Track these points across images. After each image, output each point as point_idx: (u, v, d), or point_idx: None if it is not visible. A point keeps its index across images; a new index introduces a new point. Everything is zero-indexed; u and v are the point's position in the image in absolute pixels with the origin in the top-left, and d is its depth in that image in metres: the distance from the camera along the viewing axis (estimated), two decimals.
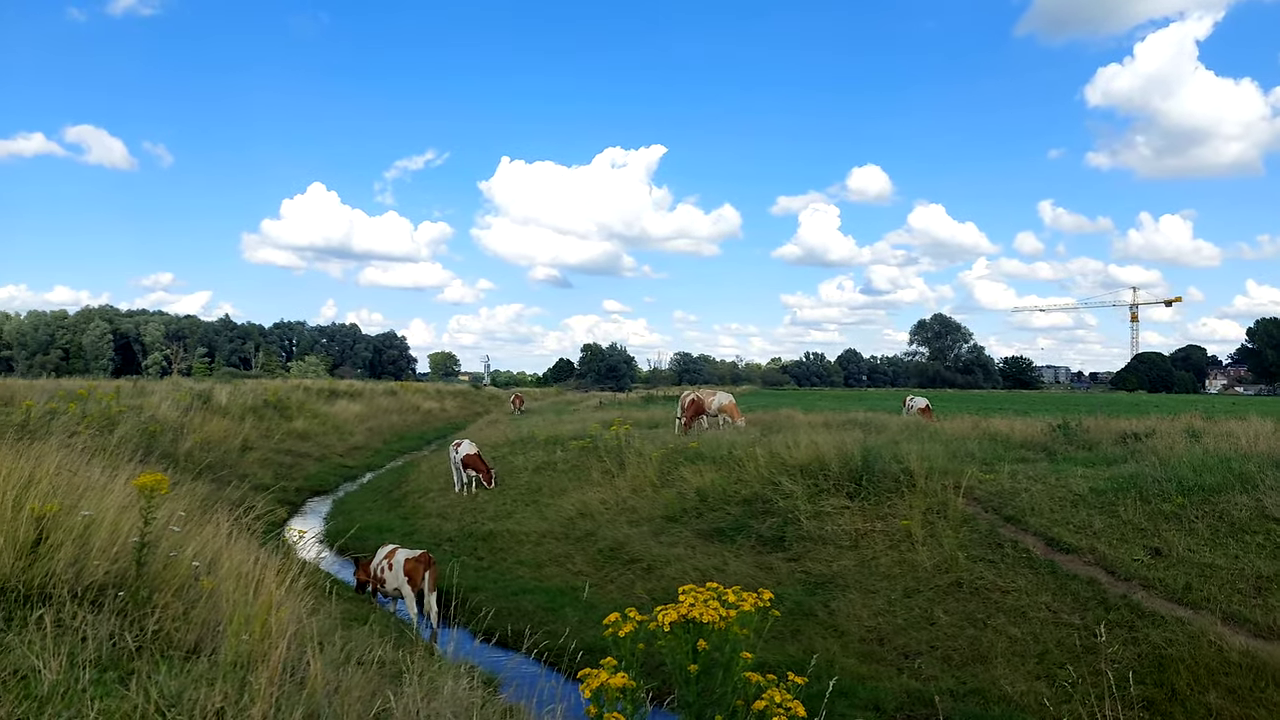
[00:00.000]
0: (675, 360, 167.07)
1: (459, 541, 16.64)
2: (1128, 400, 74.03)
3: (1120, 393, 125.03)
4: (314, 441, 30.60)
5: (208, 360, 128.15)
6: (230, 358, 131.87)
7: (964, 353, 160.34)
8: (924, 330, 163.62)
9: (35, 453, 8.02)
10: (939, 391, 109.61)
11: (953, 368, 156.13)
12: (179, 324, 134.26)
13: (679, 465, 17.12)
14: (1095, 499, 12.12)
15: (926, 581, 10.91)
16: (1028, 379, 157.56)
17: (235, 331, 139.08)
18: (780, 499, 13.97)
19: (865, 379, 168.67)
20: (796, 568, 12.02)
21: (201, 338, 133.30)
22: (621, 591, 12.82)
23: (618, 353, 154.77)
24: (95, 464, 13.59)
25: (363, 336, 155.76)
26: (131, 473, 12.31)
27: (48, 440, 14.09)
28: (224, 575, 5.39)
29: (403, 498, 22.29)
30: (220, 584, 5.02)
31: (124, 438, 16.60)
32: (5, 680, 3.63)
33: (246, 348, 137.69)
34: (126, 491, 6.91)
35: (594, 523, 15.74)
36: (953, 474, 13.47)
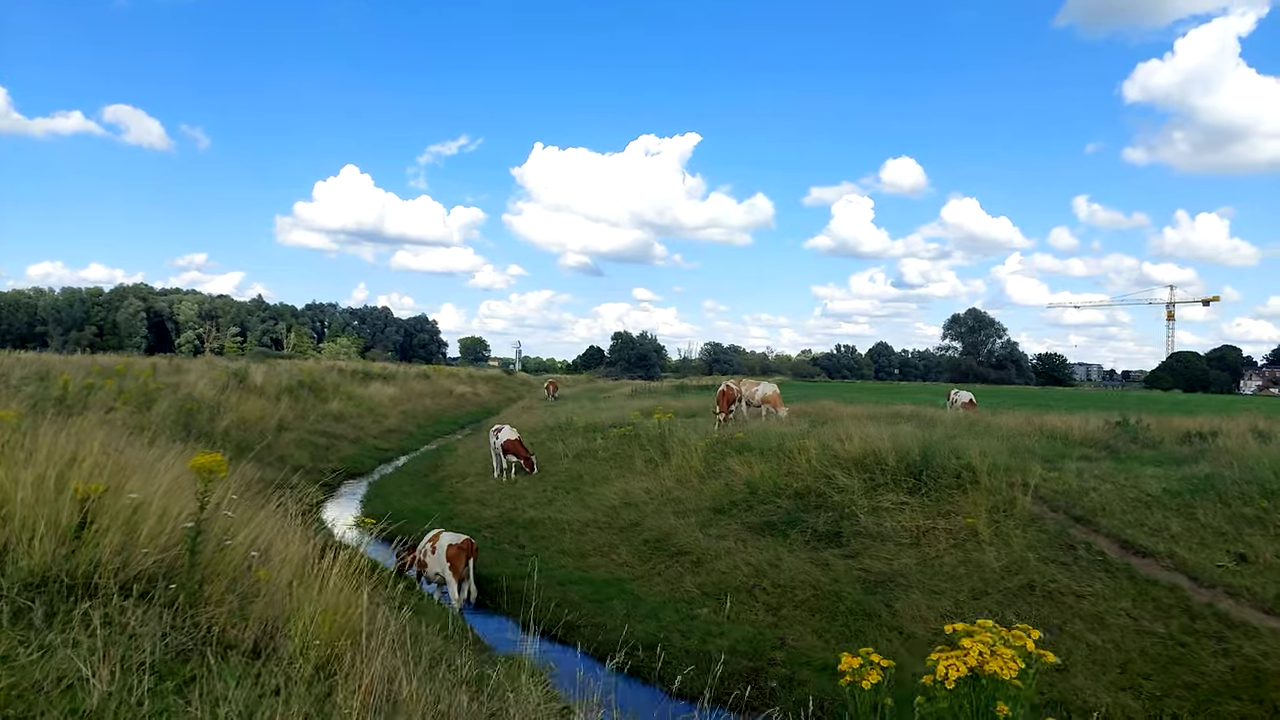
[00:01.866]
0: (705, 350, 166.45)
1: (499, 528, 16.35)
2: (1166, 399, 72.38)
3: (1155, 391, 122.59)
4: (349, 423, 30.53)
5: (240, 340, 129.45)
6: (262, 338, 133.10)
7: (997, 348, 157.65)
8: (957, 325, 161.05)
9: (76, 429, 7.78)
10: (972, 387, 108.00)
11: (985, 363, 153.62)
12: (212, 303, 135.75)
13: (725, 456, 16.67)
14: (1170, 500, 11.51)
15: (995, 583, 10.40)
16: (1061, 376, 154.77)
17: (267, 312, 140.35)
18: (834, 493, 13.49)
19: (896, 372, 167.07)
20: (854, 565, 11.54)
21: (234, 317, 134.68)
22: (669, 585, 12.43)
23: (648, 341, 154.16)
24: (135, 442, 13.45)
25: (394, 320, 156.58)
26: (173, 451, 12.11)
27: (85, 416, 13.98)
28: (280, 565, 5.06)
29: (440, 482, 22.07)
30: (277, 575, 4.67)
31: (162, 415, 16.50)
32: (49, 690, 3.22)
33: (278, 328, 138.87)
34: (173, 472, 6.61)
35: (638, 513, 15.36)
36: (1016, 471, 12.89)
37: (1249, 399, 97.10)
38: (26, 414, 11.10)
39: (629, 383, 74.27)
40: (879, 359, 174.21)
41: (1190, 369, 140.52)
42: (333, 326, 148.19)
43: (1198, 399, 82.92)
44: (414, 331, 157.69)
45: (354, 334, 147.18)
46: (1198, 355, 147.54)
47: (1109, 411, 20.46)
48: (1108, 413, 19.45)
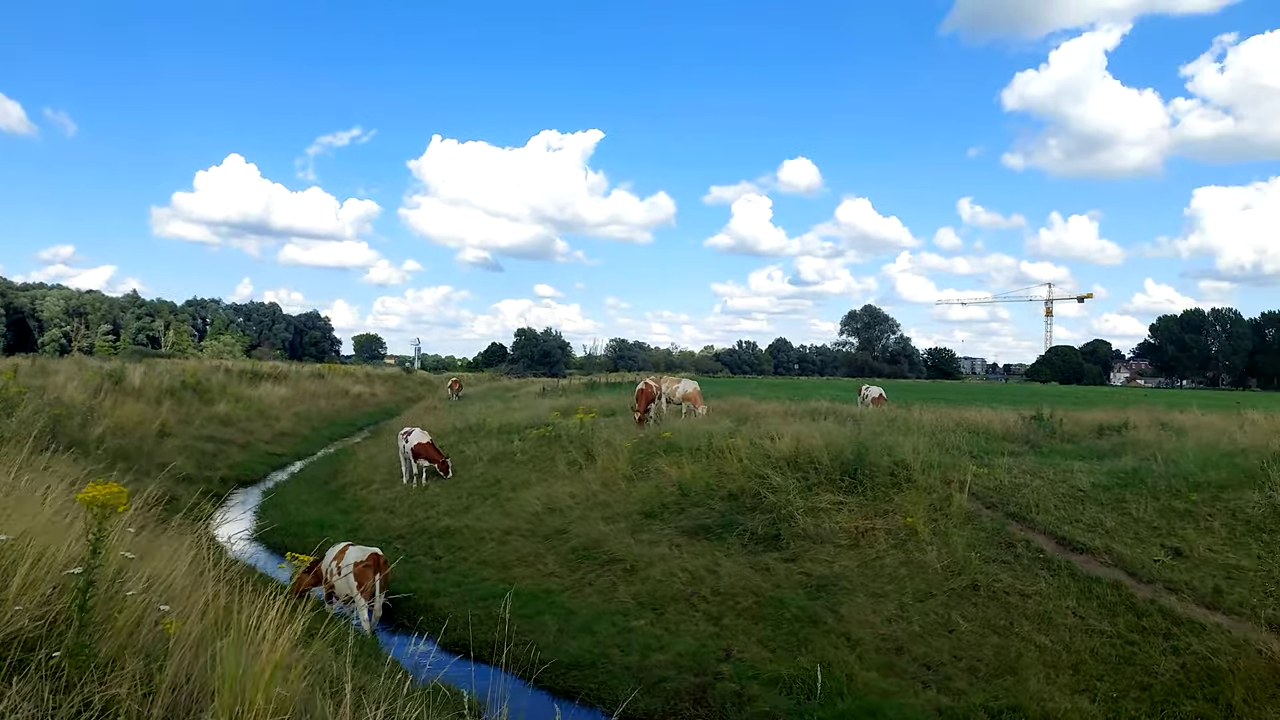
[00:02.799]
0: (611, 346, 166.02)
1: (411, 539, 15.35)
2: (1049, 391, 76.10)
3: (1035, 384, 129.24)
4: (238, 427, 28.58)
5: (112, 338, 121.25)
6: (137, 336, 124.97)
7: (891, 343, 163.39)
8: (854, 321, 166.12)
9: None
10: (870, 381, 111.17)
11: (880, 358, 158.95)
12: (80, 299, 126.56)
13: (653, 456, 16.12)
14: (1100, 495, 11.63)
15: (939, 584, 10.19)
16: (950, 370, 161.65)
17: (143, 308, 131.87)
18: (769, 494, 13.10)
19: (796, 368, 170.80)
20: (795, 568, 11.16)
21: (105, 314, 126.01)
22: (602, 596, 11.77)
23: (552, 338, 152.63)
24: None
25: (283, 316, 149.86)
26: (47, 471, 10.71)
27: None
28: (191, 611, 4.17)
29: (341, 489, 20.77)
30: (190, 626, 3.80)
31: (25, 423, 14.79)
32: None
33: (155, 325, 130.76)
34: (53, 499, 5.59)
35: (563, 519, 14.63)
36: (948, 468, 12.83)
37: (1121, 390, 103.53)
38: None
39: (536, 380, 72.92)
40: (778, 355, 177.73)
41: (1067, 362, 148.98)
42: (215, 323, 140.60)
43: (1074, 390, 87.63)
44: (304, 329, 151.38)
45: (239, 331, 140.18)
46: (1073, 349, 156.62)
47: (1019, 406, 20.91)
48: (1022, 408, 19.82)
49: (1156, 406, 23.85)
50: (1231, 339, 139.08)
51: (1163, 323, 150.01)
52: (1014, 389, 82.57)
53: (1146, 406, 22.34)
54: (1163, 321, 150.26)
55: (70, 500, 5.33)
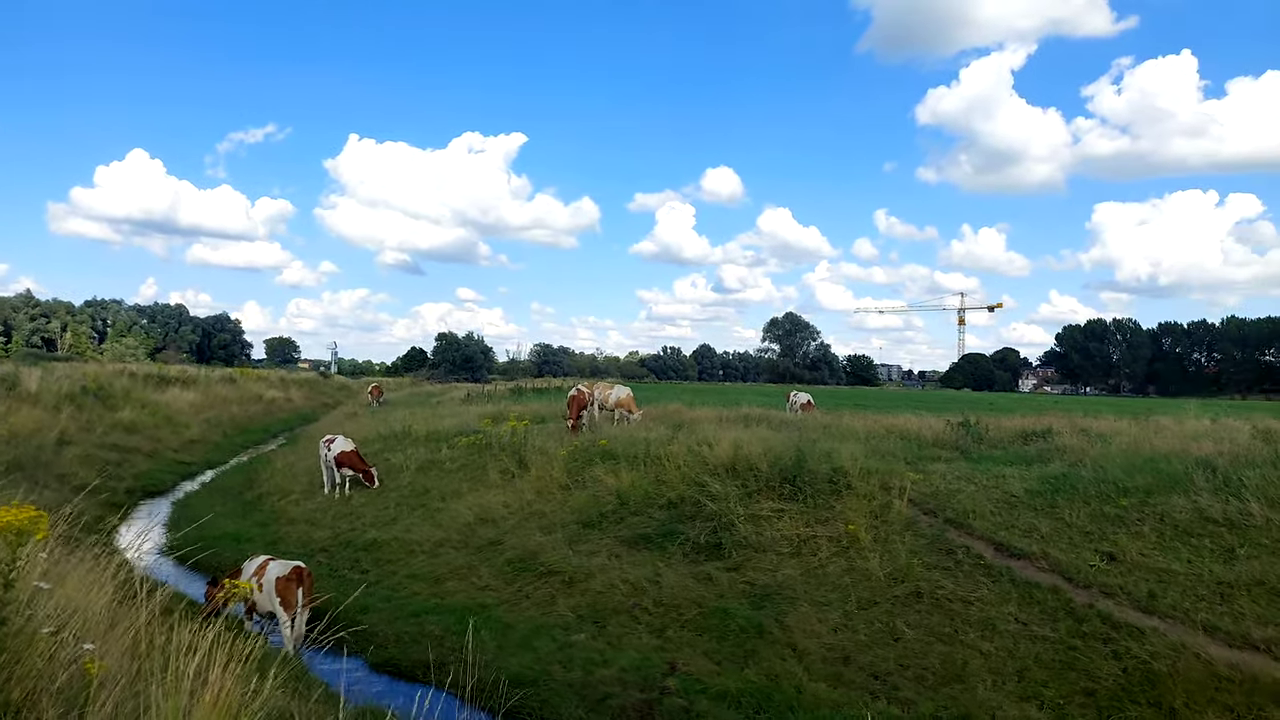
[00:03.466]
0: (535, 351, 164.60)
1: (335, 552, 14.66)
2: (965, 397, 78.54)
3: (950, 390, 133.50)
4: (144, 435, 27.08)
5: (3, 340, 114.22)
6: (31, 338, 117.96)
7: (812, 350, 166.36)
8: (775, 328, 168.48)
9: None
10: (792, 386, 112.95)
11: (801, 364, 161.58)
12: None
13: (590, 465, 15.78)
14: (1033, 500, 11.81)
15: (882, 592, 10.15)
16: (868, 376, 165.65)
17: (38, 309, 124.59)
18: (709, 502, 12.91)
19: (720, 374, 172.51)
20: (738, 578, 10.99)
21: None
22: (540, 609, 11.38)
23: (475, 343, 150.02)
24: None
25: (190, 318, 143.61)
26: None
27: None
28: (117, 645, 3.68)
29: (258, 500, 19.78)
30: (117, 666, 3.33)
31: None
32: None
33: (51, 327, 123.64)
34: None
35: (497, 529, 14.17)
36: (885, 474, 12.86)
37: (1031, 396, 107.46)
38: None
39: (460, 385, 71.58)
40: (702, 360, 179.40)
41: (979, 369, 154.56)
42: (117, 325, 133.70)
43: (987, 396, 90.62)
44: (213, 331, 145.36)
45: (142, 334, 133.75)
46: (985, 357, 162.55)
47: (942, 412, 21.28)
48: (946, 414, 20.17)
49: (1073, 413, 24.64)
50: (1132, 348, 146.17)
51: (1068, 332, 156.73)
52: (932, 395, 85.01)
53: (1061, 413, 23.04)
54: (1068, 331, 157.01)
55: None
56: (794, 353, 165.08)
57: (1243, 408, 36.83)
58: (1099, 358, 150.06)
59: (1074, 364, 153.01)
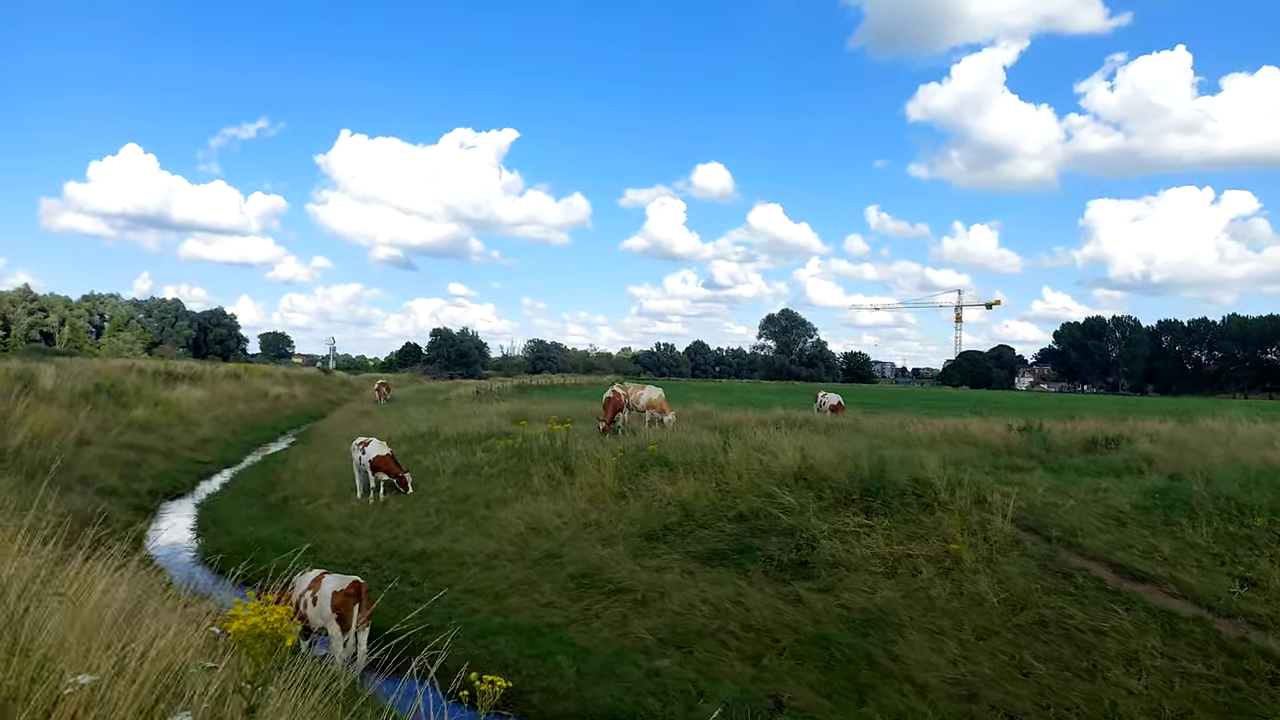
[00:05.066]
0: (529, 347, 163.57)
1: (381, 562, 13.90)
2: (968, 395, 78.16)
3: (947, 388, 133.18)
4: (158, 433, 26.22)
5: (2, 334, 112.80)
6: (29, 332, 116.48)
7: (808, 347, 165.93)
8: (772, 325, 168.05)
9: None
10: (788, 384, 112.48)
11: (797, 361, 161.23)
12: None
13: (643, 472, 15.05)
14: (1144, 517, 11.07)
15: (1000, 619, 9.41)
16: (864, 374, 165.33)
17: (36, 303, 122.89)
18: (783, 515, 12.20)
19: (717, 370, 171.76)
20: (832, 600, 10.25)
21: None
22: (614, 631, 10.64)
23: (469, 338, 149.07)
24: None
25: (186, 313, 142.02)
26: None
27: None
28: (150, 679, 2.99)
29: (285, 504, 18.98)
30: None
31: None
32: None
33: (49, 321, 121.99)
34: None
35: (552, 541, 13.43)
36: (975, 486, 12.10)
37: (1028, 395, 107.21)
38: None
39: (466, 383, 70.82)
40: (696, 357, 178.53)
41: (976, 367, 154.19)
42: (114, 320, 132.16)
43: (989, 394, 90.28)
44: (209, 326, 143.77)
45: (139, 328, 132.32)
46: (982, 354, 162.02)
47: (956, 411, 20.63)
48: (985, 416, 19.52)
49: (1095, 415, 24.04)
50: (1131, 345, 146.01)
51: (1065, 329, 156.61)
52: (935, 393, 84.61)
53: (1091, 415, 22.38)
54: (1065, 328, 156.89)
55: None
56: (790, 350, 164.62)
57: (1260, 408, 36.33)
58: (1097, 355, 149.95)
59: (1072, 361, 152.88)
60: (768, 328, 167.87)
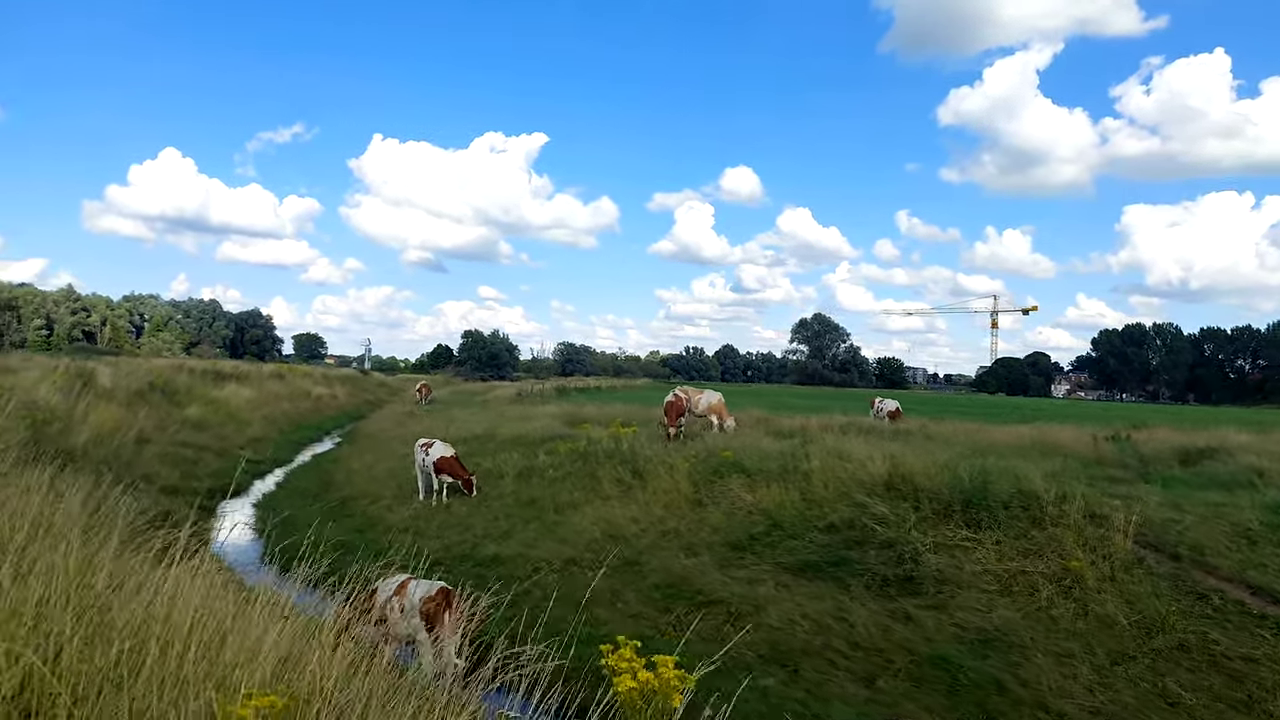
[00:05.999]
0: (559, 350, 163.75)
1: (453, 567, 13.51)
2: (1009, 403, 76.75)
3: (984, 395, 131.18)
4: (211, 432, 26.23)
5: (46, 334, 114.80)
6: (72, 331, 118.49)
7: (841, 352, 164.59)
8: (804, 329, 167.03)
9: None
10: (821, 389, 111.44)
11: (830, 366, 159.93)
12: (12, 293, 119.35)
13: (718, 478, 14.58)
14: (1274, 535, 10.38)
15: (1135, 644, 8.78)
16: (898, 379, 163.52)
17: (79, 303, 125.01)
18: (878, 526, 11.66)
19: (748, 374, 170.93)
20: (945, 619, 9.68)
21: (38, 309, 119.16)
22: (709, 644, 10.17)
23: (500, 341, 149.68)
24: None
25: (223, 313, 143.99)
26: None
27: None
28: None
29: (345, 505, 18.69)
30: None
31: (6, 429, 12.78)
32: None
33: (91, 321, 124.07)
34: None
35: (630, 548, 12.97)
36: (1089, 501, 11.39)
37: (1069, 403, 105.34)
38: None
39: (501, 384, 70.72)
40: (725, 361, 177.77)
41: (1013, 373, 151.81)
42: (154, 320, 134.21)
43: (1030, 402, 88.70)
44: (246, 326, 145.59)
45: (178, 328, 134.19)
46: (1019, 361, 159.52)
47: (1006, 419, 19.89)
48: (1089, 426, 18.80)
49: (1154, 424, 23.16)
50: (1172, 353, 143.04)
51: (1104, 336, 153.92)
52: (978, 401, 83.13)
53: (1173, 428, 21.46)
54: (1104, 335, 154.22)
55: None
56: (823, 354, 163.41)
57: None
58: (1137, 363, 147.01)
59: (1110, 369, 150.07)
60: (800, 332, 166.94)
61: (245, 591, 8.80)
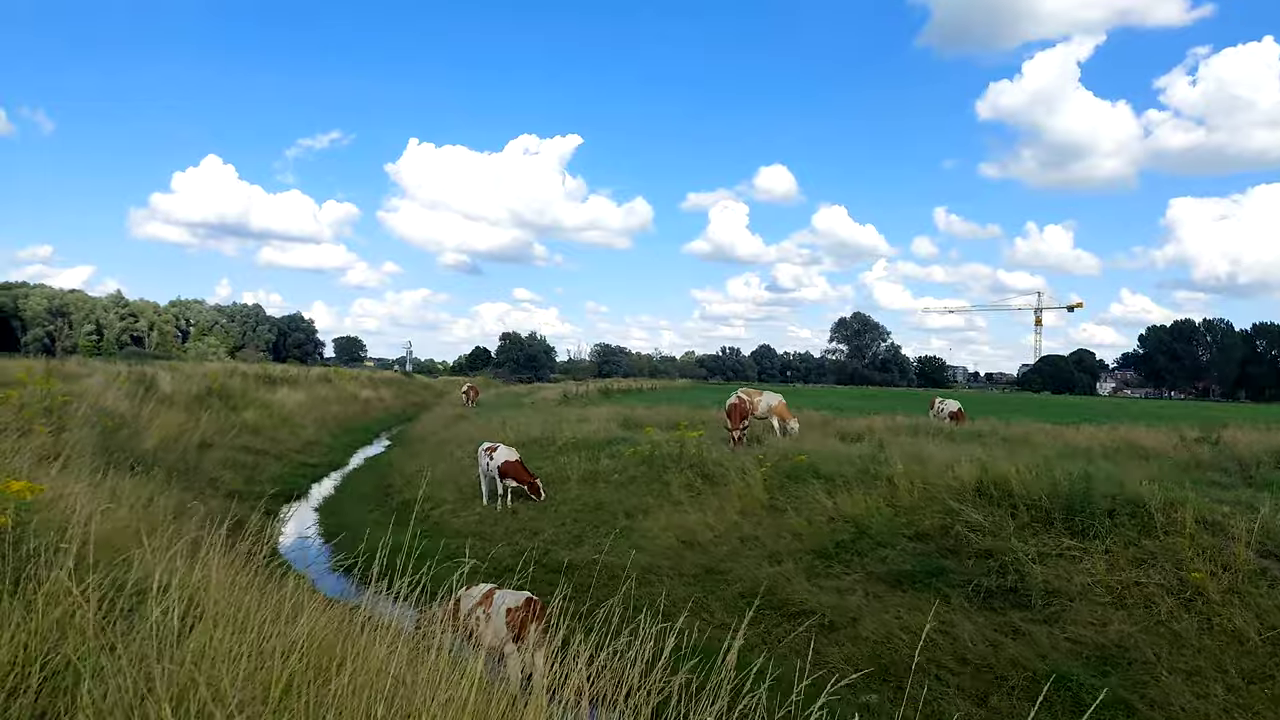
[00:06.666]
0: (595, 351, 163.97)
1: (523, 573, 13.27)
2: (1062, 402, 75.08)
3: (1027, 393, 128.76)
4: (267, 436, 26.32)
5: (95, 339, 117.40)
6: (120, 336, 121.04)
7: (882, 351, 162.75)
8: (844, 328, 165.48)
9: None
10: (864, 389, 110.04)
11: (871, 365, 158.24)
12: (63, 299, 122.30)
13: (794, 483, 14.16)
14: None
15: (1272, 661, 8.16)
16: (940, 379, 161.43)
17: (126, 308, 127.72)
18: (972, 534, 11.18)
19: (789, 374, 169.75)
20: (1058, 634, 9.18)
21: (88, 314, 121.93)
22: (803, 657, 9.77)
23: (537, 342, 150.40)
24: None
25: (266, 318, 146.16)
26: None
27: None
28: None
29: (404, 508, 18.51)
30: None
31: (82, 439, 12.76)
32: None
33: (139, 326, 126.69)
34: None
35: (708, 555, 12.62)
36: (1199, 508, 10.76)
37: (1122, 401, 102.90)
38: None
39: (545, 386, 70.69)
40: (762, 361, 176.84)
41: (1059, 371, 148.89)
42: (199, 324, 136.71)
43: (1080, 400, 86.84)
44: (288, 330, 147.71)
45: (223, 332, 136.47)
46: (1064, 358, 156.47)
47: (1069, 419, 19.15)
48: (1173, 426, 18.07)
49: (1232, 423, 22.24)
50: (1223, 350, 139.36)
51: (1152, 333, 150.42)
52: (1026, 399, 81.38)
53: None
54: (1152, 331, 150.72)
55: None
56: (863, 354, 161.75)
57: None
58: (1187, 360, 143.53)
59: (1159, 366, 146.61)
60: (839, 331, 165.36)
61: (337, 605, 8.60)
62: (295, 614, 4.94)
